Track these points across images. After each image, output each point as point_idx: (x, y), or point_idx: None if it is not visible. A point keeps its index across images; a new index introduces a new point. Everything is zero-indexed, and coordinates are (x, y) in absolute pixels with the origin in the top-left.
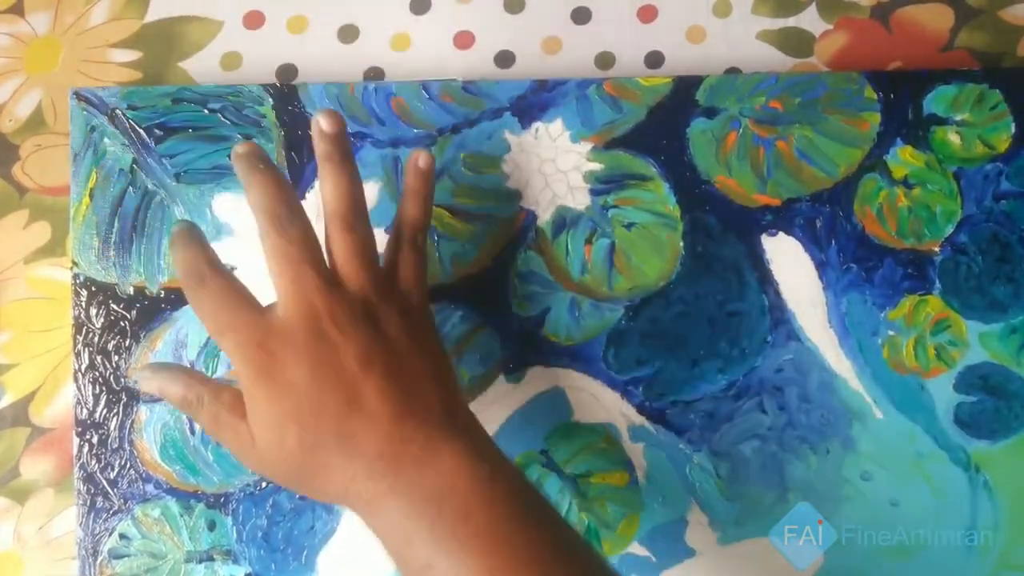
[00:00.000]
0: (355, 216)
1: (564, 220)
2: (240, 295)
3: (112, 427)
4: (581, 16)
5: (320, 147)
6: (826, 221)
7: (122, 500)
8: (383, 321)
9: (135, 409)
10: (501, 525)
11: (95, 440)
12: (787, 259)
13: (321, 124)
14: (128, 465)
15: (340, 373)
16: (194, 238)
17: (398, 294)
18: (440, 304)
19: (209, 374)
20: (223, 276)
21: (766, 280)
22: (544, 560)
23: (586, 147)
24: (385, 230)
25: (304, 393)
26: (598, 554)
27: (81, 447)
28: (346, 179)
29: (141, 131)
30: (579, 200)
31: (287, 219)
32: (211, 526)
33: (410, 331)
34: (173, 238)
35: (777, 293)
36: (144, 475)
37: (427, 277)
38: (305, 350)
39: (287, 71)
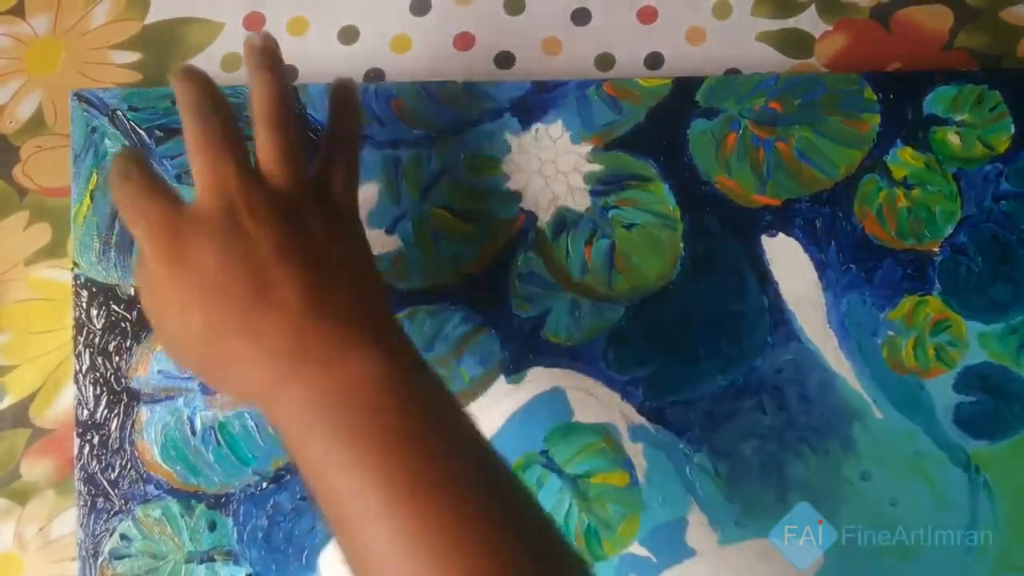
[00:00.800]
0: (280, 116)
1: (564, 221)
2: (161, 187)
3: (113, 428)
4: (581, 17)
5: (250, 61)
6: (826, 222)
7: (123, 501)
8: (303, 218)
9: (136, 410)
10: (406, 423)
11: (96, 441)
12: (787, 260)
13: (253, 40)
14: (129, 466)
15: (251, 260)
16: (130, 149)
17: (324, 195)
18: (440, 304)
19: None
20: (149, 173)
21: (766, 280)
22: (447, 466)
23: (586, 148)
24: (385, 230)
25: (213, 278)
26: (510, 471)
27: (82, 448)
28: (274, 84)
29: (142, 132)
30: (579, 201)
31: (209, 109)
32: (212, 527)
33: (333, 232)
34: (115, 156)
35: (777, 293)
36: (145, 476)
37: (357, 188)
38: (217, 236)
39: (287, 72)
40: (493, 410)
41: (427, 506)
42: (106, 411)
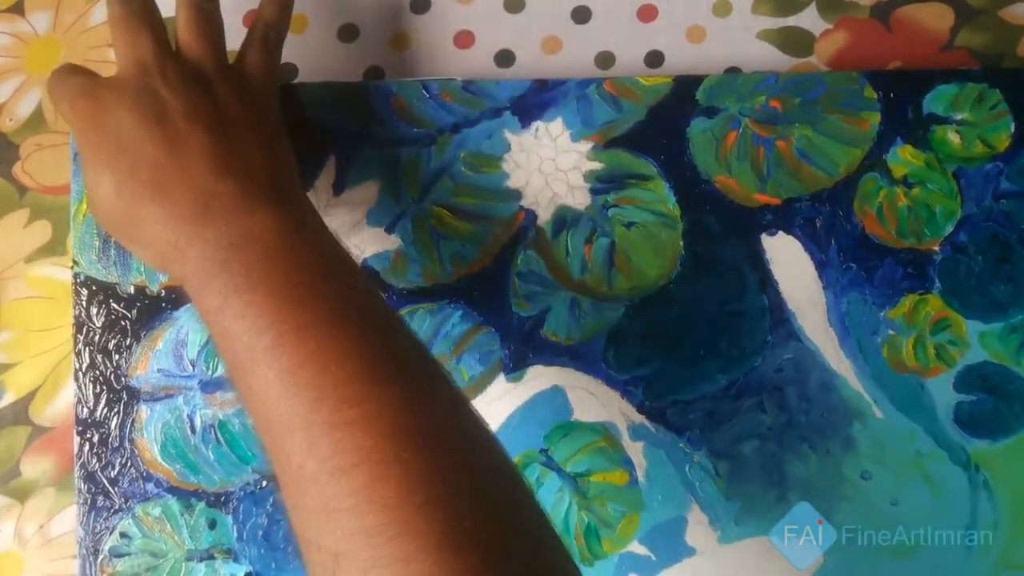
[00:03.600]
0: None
1: (564, 219)
2: (86, 69)
3: (113, 426)
4: (581, 16)
5: None
6: (826, 221)
7: (123, 499)
8: (216, 89)
9: (136, 408)
10: (298, 270)
11: (96, 439)
12: (787, 259)
13: None
14: (129, 464)
15: (162, 123)
16: (76, 66)
17: (240, 75)
18: (440, 304)
19: (209, 374)
20: (83, 69)
21: (766, 280)
22: (334, 307)
23: (586, 146)
24: (385, 229)
25: (126, 139)
26: (397, 316)
27: (82, 446)
28: None
29: None
30: (579, 199)
31: None
32: (212, 525)
33: (245, 105)
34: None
35: (777, 293)
36: (145, 474)
37: (277, 73)
38: (131, 99)
39: (287, 71)
40: (493, 408)
41: (311, 344)
42: (106, 409)
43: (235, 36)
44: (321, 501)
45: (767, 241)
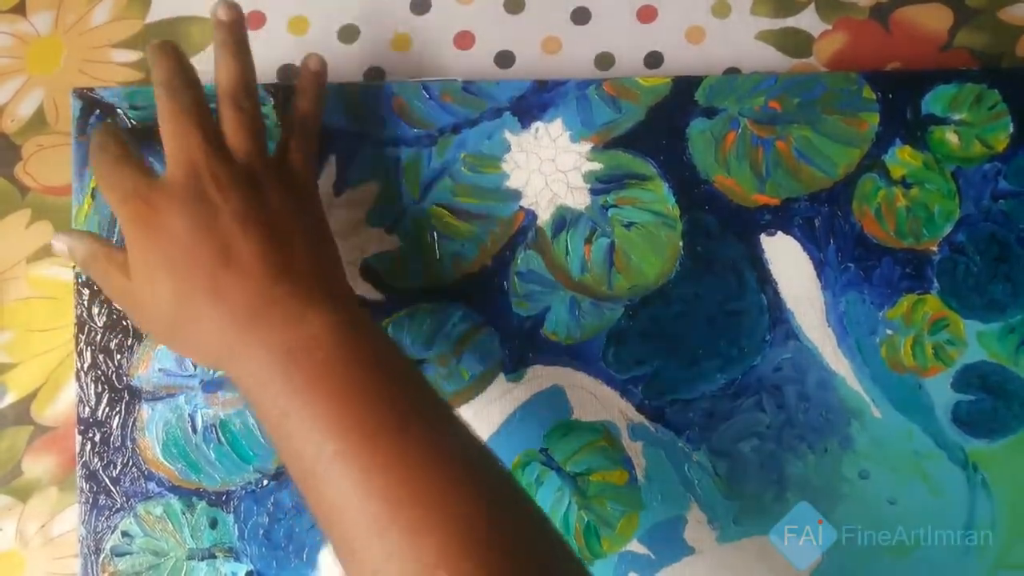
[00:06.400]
0: (244, 96)
1: (564, 219)
2: (136, 161)
3: (114, 425)
4: (581, 16)
5: (217, 35)
6: (825, 221)
7: (124, 498)
8: (265, 189)
9: (137, 408)
10: (358, 375)
11: (97, 438)
12: (786, 259)
13: (219, 14)
14: (130, 463)
15: (216, 228)
16: (108, 125)
17: (284, 170)
18: (440, 303)
19: (210, 373)
20: (124, 146)
21: (765, 279)
22: (402, 417)
23: (586, 147)
24: (385, 229)
25: (179, 244)
26: (493, 455)
27: (83, 445)
28: (238, 63)
29: (143, 131)
30: (579, 200)
31: (180, 88)
32: (213, 524)
33: (292, 202)
34: (94, 129)
35: (776, 292)
36: (146, 473)
37: (316, 166)
38: (184, 204)
39: (288, 71)
40: (493, 408)
41: (381, 452)
42: (107, 409)
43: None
44: None
45: (766, 241)
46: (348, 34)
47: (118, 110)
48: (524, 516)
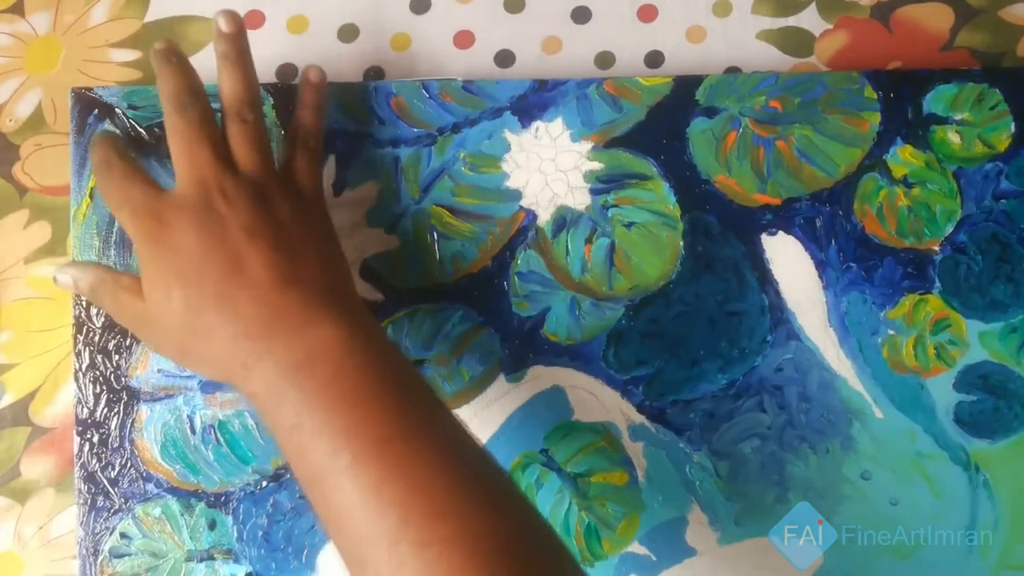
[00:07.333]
0: (249, 109)
1: (564, 219)
2: (142, 175)
3: (113, 426)
4: (581, 16)
5: (219, 46)
6: (826, 220)
7: (123, 499)
8: (272, 201)
9: (136, 408)
10: (369, 384)
11: (96, 439)
12: (787, 259)
13: (220, 25)
14: (129, 464)
15: (225, 240)
16: (108, 137)
17: (290, 183)
18: (440, 304)
19: None
20: (128, 161)
21: (766, 280)
22: (410, 427)
23: (586, 146)
24: (385, 229)
25: (190, 256)
26: (490, 456)
27: (82, 446)
28: (241, 76)
29: (141, 130)
30: (579, 199)
31: (188, 103)
32: (212, 525)
33: (299, 214)
34: (92, 139)
35: (777, 293)
36: (145, 474)
37: (321, 177)
38: (194, 218)
39: (287, 71)
40: (493, 409)
41: (392, 460)
42: (106, 409)
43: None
44: None
45: (767, 241)
46: (348, 33)
47: (116, 110)
48: (530, 525)
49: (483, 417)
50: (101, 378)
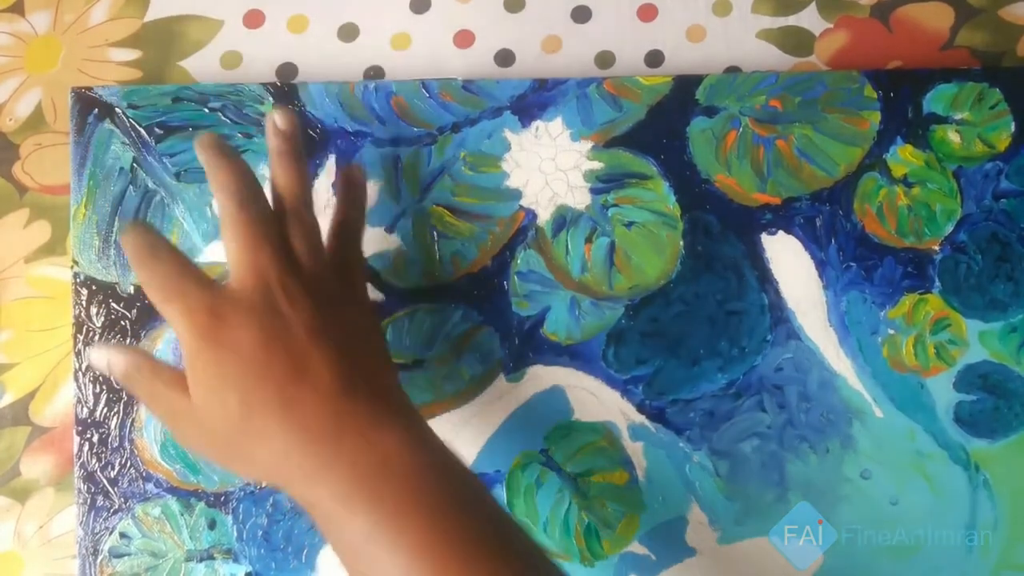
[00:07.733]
0: (304, 207)
1: (564, 219)
2: (191, 267)
3: (112, 426)
4: (581, 15)
5: (273, 142)
6: (826, 220)
7: (122, 499)
8: (333, 300)
9: (135, 408)
10: (438, 489)
11: (95, 439)
12: (787, 258)
13: (277, 121)
14: (128, 464)
15: (288, 341)
16: (147, 225)
17: (345, 280)
18: (440, 304)
19: None
20: (179, 252)
21: (766, 279)
22: (484, 544)
23: (586, 146)
24: (385, 229)
25: (251, 356)
26: (540, 548)
27: (81, 446)
28: (297, 173)
29: (141, 130)
30: (579, 199)
31: (250, 199)
32: (211, 525)
33: (356, 312)
34: (126, 227)
35: (777, 292)
36: (144, 474)
37: (364, 264)
38: (255, 315)
39: (287, 70)
40: (492, 409)
41: (460, 569)
42: (106, 409)
43: (236, 35)
44: None
45: (767, 240)
46: (348, 32)
47: (116, 109)
48: None
49: (483, 417)
50: (101, 378)
